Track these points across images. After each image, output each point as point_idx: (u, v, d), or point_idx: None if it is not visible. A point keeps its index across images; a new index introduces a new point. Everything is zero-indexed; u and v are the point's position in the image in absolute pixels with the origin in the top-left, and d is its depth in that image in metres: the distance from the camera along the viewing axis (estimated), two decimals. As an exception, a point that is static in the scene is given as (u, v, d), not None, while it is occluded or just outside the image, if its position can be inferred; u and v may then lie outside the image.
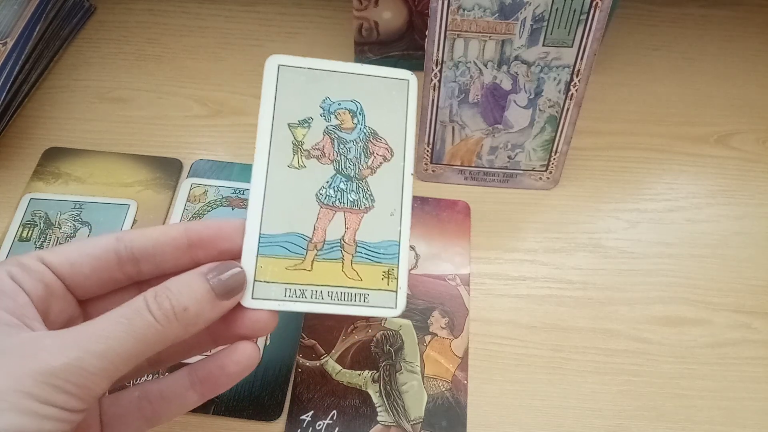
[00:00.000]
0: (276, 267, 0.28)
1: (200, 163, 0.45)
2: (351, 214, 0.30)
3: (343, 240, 0.30)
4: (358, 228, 0.30)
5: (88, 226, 0.42)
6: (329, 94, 0.31)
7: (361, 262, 0.29)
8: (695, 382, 0.37)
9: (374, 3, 0.47)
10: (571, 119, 0.41)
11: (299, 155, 0.30)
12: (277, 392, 0.36)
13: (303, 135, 0.30)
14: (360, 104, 0.31)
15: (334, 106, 0.31)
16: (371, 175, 0.31)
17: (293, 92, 0.31)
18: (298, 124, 0.30)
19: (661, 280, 0.41)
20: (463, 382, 0.37)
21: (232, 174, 0.45)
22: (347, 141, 0.31)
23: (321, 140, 0.30)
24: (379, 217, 0.30)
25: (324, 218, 0.30)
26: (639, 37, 0.55)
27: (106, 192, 0.44)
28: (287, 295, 0.28)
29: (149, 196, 0.44)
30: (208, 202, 0.43)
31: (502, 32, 0.38)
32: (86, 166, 0.45)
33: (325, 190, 0.30)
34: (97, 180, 0.44)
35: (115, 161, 0.45)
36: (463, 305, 0.39)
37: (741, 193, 0.46)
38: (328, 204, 0.30)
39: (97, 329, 0.23)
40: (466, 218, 0.43)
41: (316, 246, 0.29)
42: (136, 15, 0.55)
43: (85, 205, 0.43)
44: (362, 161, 0.31)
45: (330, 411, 0.36)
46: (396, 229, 0.30)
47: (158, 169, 0.45)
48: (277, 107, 0.30)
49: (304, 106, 0.30)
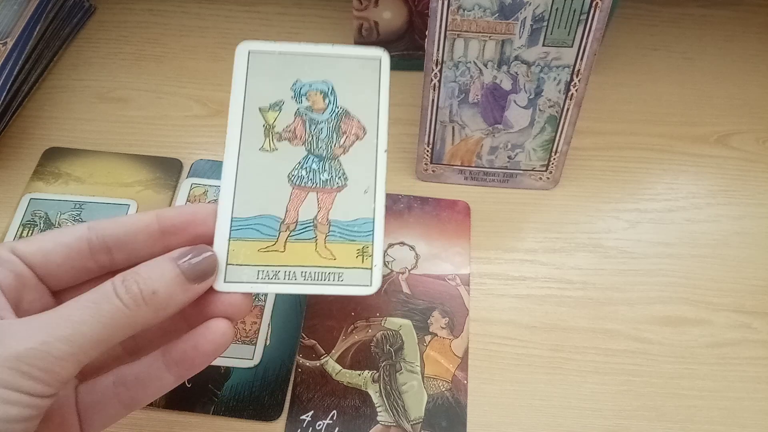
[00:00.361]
0: (248, 250, 0.29)
1: (200, 163, 0.45)
2: (323, 193, 0.30)
3: (316, 220, 0.30)
4: (331, 207, 0.30)
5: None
6: (300, 76, 0.31)
7: (335, 241, 0.29)
8: (695, 382, 0.37)
9: (374, 3, 0.47)
10: (571, 119, 0.41)
11: (270, 138, 0.30)
12: (277, 392, 0.36)
13: (274, 118, 0.30)
14: (331, 84, 0.31)
15: (305, 88, 0.31)
16: (344, 155, 0.30)
17: (264, 76, 0.31)
18: (269, 107, 0.31)
19: (661, 280, 0.41)
20: (463, 382, 0.37)
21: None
22: (319, 122, 0.31)
23: (292, 122, 0.30)
24: (353, 195, 0.30)
25: (296, 199, 0.30)
26: (639, 37, 0.55)
27: (106, 192, 0.44)
28: (260, 277, 0.28)
29: (149, 196, 0.44)
30: (208, 202, 0.43)
31: (502, 32, 0.38)
32: (86, 166, 0.45)
33: (297, 171, 0.30)
34: (98, 180, 0.44)
35: (115, 161, 0.45)
36: (463, 305, 0.39)
37: (741, 193, 0.46)
38: (299, 185, 0.30)
39: (64, 314, 0.23)
40: (466, 218, 0.43)
41: (288, 227, 0.29)
42: (136, 15, 0.55)
43: (85, 205, 0.43)
44: (334, 141, 0.31)
45: (330, 411, 0.36)
46: (370, 207, 0.30)
47: (158, 169, 0.45)
48: (247, 92, 0.30)
49: (275, 90, 0.31)
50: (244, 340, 0.38)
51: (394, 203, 0.44)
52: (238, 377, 0.37)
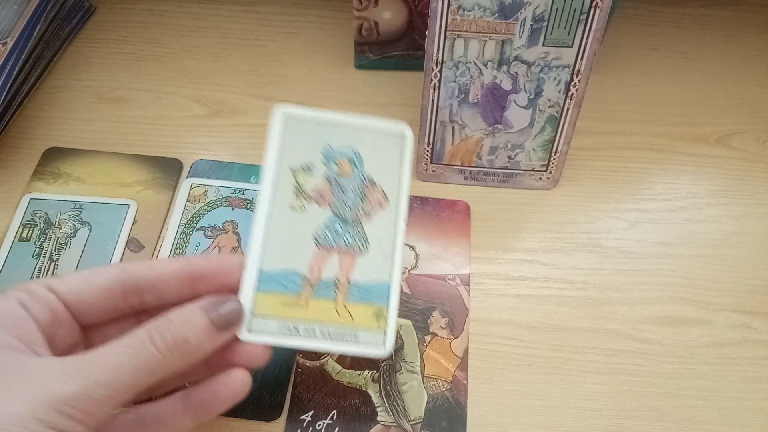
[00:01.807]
0: (273, 302, 0.30)
1: (200, 163, 0.45)
2: (346, 255, 0.32)
3: (337, 279, 0.31)
4: (351, 269, 0.32)
5: (88, 226, 0.42)
6: (330, 142, 0.33)
7: (354, 302, 0.31)
8: (695, 382, 0.37)
9: (374, 3, 0.47)
10: (571, 119, 0.41)
11: (300, 198, 0.32)
12: (277, 392, 0.36)
13: (304, 179, 0.32)
14: (359, 153, 0.33)
15: (334, 154, 0.33)
16: (367, 220, 0.32)
17: (297, 139, 0.33)
18: (300, 169, 0.32)
19: (661, 280, 0.41)
20: (463, 382, 0.37)
21: (232, 174, 0.45)
22: (345, 187, 0.32)
23: (321, 185, 0.32)
24: (373, 259, 0.32)
25: (320, 258, 0.31)
26: (639, 37, 0.55)
27: (106, 192, 0.44)
28: (282, 330, 0.30)
29: (149, 196, 0.44)
30: (208, 202, 0.43)
31: (502, 32, 0.38)
32: (86, 166, 0.45)
33: (322, 232, 0.32)
34: (98, 180, 0.44)
35: (115, 161, 0.45)
36: (463, 305, 0.39)
37: (741, 193, 0.46)
38: (324, 245, 0.31)
39: (103, 358, 0.25)
40: (466, 218, 0.43)
41: (311, 284, 0.31)
42: (136, 15, 0.55)
43: (85, 205, 0.43)
44: (359, 206, 0.32)
45: (330, 411, 0.36)
46: (388, 272, 0.32)
47: (158, 169, 0.45)
48: (281, 152, 0.32)
49: (307, 153, 0.32)
50: None
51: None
52: None
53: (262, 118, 0.49)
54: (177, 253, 0.41)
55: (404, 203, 0.33)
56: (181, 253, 0.41)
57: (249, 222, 0.41)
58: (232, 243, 0.42)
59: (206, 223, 0.42)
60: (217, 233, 0.42)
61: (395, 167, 0.33)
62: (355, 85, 0.51)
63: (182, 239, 0.41)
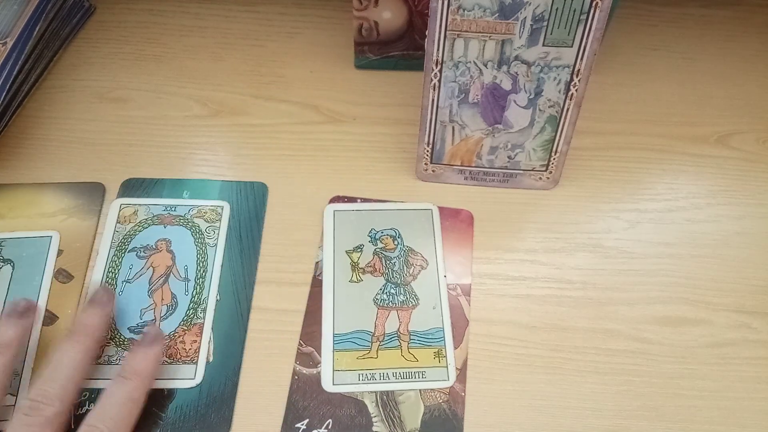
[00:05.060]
0: (349, 358, 0.37)
1: (129, 182, 0.44)
2: (402, 311, 0.39)
3: (399, 331, 0.38)
4: (409, 321, 0.38)
5: (11, 264, 0.40)
6: (374, 225, 0.42)
7: (416, 347, 0.37)
8: (695, 382, 0.37)
9: (374, 3, 0.47)
10: (571, 119, 0.41)
11: (356, 272, 0.40)
12: (223, 408, 0.36)
13: (357, 257, 0.41)
14: (398, 230, 0.42)
15: (378, 234, 0.42)
16: (413, 281, 0.40)
17: (346, 228, 0.42)
18: (353, 250, 0.41)
19: (661, 280, 0.41)
20: (461, 394, 0.36)
21: (163, 191, 0.44)
22: (392, 258, 0.41)
23: (372, 260, 0.41)
24: (424, 311, 0.39)
25: (382, 317, 0.38)
26: (639, 37, 0.55)
27: (28, 225, 0.42)
28: (360, 379, 0.36)
29: (74, 224, 0.42)
30: (138, 222, 0.42)
31: (502, 32, 0.38)
32: (5, 200, 0.43)
33: (379, 296, 0.39)
34: (18, 214, 0.42)
35: (36, 192, 0.43)
36: (463, 315, 0.39)
37: (741, 193, 0.46)
38: (383, 306, 0.39)
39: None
40: (469, 227, 0.43)
41: (378, 338, 0.38)
42: (136, 15, 0.55)
43: (5, 242, 0.41)
44: (405, 271, 0.40)
45: (325, 420, 0.35)
46: (439, 319, 0.38)
47: (81, 195, 0.43)
48: (336, 240, 0.41)
49: (356, 237, 0.41)
50: (185, 360, 0.37)
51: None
52: (183, 397, 0.36)
53: (262, 118, 0.49)
54: (109, 277, 0.40)
55: (441, 262, 0.41)
56: (114, 277, 0.40)
57: (182, 238, 0.41)
58: (166, 261, 0.41)
59: (138, 244, 0.41)
60: (150, 253, 0.41)
61: (429, 235, 0.42)
62: (355, 85, 0.51)
63: (114, 262, 0.40)
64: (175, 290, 0.40)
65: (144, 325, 0.38)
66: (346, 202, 0.43)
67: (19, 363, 0.36)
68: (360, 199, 0.43)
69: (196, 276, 0.40)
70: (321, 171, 0.46)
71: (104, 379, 0.36)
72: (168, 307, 0.39)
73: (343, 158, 0.47)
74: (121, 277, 0.40)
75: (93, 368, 0.36)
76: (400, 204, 0.43)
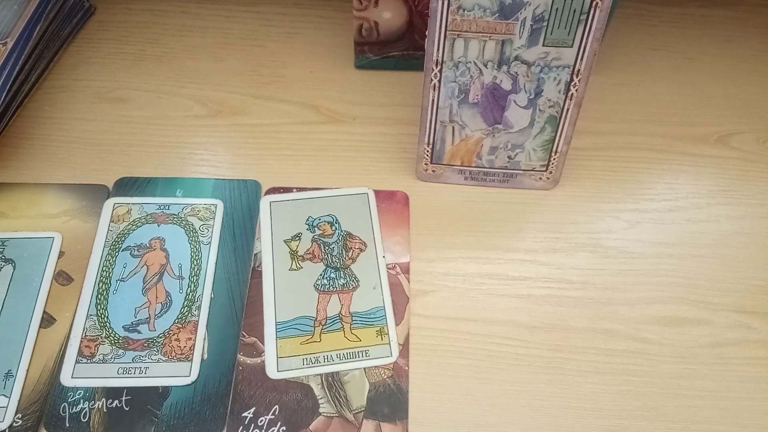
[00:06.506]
0: (292, 344, 0.37)
1: (122, 181, 0.44)
2: (343, 294, 0.39)
3: (341, 314, 0.39)
4: (350, 303, 0.39)
5: (12, 264, 0.40)
6: (310, 213, 0.43)
7: (358, 327, 0.38)
8: (695, 382, 0.37)
9: (374, 3, 0.47)
10: (571, 119, 0.41)
11: (296, 260, 0.41)
12: (218, 405, 0.36)
13: (296, 246, 0.41)
14: (335, 216, 0.43)
15: (316, 221, 0.42)
16: (353, 264, 0.41)
17: (283, 218, 0.42)
18: (291, 239, 0.41)
19: (661, 280, 0.41)
20: (404, 369, 0.37)
21: (156, 190, 0.44)
22: (330, 243, 0.41)
23: (311, 247, 0.41)
24: (365, 292, 0.40)
25: (323, 301, 0.39)
26: (639, 37, 0.55)
27: (31, 225, 0.42)
28: (305, 363, 0.37)
29: (76, 225, 0.42)
30: (132, 221, 0.42)
31: (502, 32, 0.38)
32: (8, 199, 0.43)
33: (320, 281, 0.40)
34: (21, 214, 0.42)
35: (40, 192, 0.43)
36: (404, 293, 0.40)
37: (741, 193, 0.46)
38: (324, 290, 0.39)
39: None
40: (405, 208, 0.44)
41: (321, 323, 0.38)
42: (136, 15, 0.55)
43: (7, 242, 0.41)
44: (344, 255, 0.41)
45: (272, 406, 0.35)
46: (380, 298, 0.39)
47: (84, 197, 0.43)
48: (273, 230, 0.42)
49: (294, 226, 0.42)
50: (180, 358, 0.37)
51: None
52: (177, 395, 0.36)
53: (262, 118, 0.49)
54: (103, 276, 0.40)
55: (379, 243, 0.41)
56: (108, 276, 0.40)
57: (176, 237, 0.41)
58: (161, 260, 0.40)
59: (132, 243, 0.41)
60: (144, 251, 0.41)
61: (366, 219, 0.43)
62: (355, 85, 0.51)
63: (108, 262, 0.40)
64: (169, 288, 0.40)
65: (138, 323, 0.38)
66: (282, 192, 0.44)
67: (15, 365, 0.36)
68: (296, 189, 0.44)
69: (190, 274, 0.40)
70: (321, 171, 0.46)
71: (100, 377, 0.36)
72: (162, 305, 0.39)
73: (343, 158, 0.47)
74: (115, 276, 0.40)
75: (89, 368, 0.36)
76: (336, 190, 0.44)
